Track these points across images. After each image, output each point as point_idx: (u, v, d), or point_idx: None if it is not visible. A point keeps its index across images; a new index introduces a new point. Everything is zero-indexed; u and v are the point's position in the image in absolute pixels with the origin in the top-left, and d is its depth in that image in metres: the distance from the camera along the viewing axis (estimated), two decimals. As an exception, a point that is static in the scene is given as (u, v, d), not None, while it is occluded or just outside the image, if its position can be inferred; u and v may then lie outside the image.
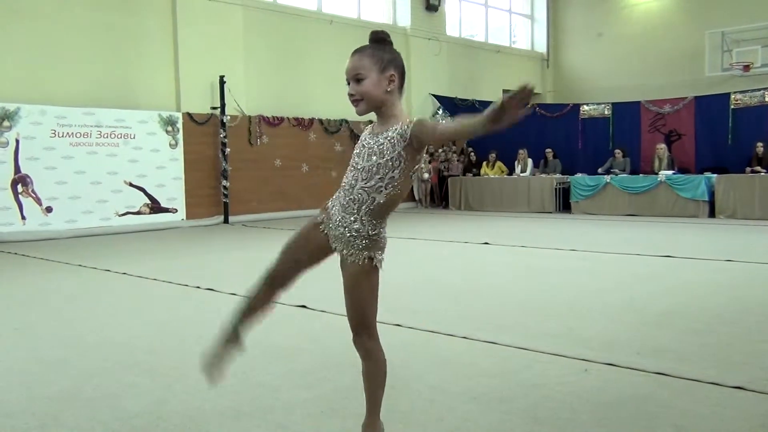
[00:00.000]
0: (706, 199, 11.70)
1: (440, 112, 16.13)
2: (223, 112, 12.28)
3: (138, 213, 11.41)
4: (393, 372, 3.50)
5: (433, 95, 16.07)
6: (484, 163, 14.99)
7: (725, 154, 12.69)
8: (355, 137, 14.63)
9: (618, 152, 13.29)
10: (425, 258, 7.69)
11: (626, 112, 13.98)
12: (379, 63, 2.20)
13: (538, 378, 3.38)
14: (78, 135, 10.77)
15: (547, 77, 19.76)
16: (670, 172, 12.33)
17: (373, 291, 2.37)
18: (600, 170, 13.17)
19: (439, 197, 15.58)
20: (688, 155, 13.23)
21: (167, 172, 11.76)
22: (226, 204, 12.38)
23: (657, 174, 12.42)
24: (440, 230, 10.71)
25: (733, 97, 12.80)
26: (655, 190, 12.23)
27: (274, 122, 13.34)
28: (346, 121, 14.54)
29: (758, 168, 11.70)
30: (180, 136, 11.94)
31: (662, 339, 4.04)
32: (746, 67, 15.20)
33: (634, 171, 13.16)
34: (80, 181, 10.77)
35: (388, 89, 2.23)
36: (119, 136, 11.21)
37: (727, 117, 12.79)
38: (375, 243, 2.29)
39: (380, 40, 2.22)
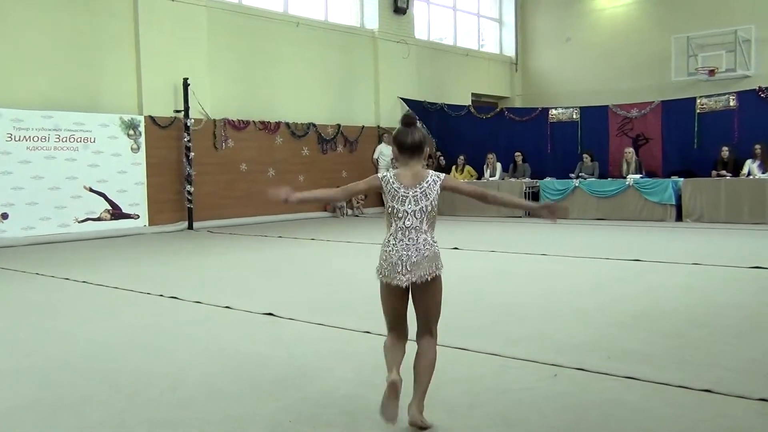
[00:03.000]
0: (673, 202, 11.95)
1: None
2: (186, 115, 12.15)
3: (98, 219, 11.23)
4: (363, 380, 3.51)
5: (402, 99, 16.14)
6: (453, 167, 15.09)
7: (691, 158, 12.96)
8: (322, 141, 14.63)
9: (586, 156, 13.50)
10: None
11: (594, 116, 14.20)
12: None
13: (508, 383, 3.41)
14: (35, 139, 10.55)
15: (516, 81, 19.98)
16: (637, 176, 12.56)
17: (381, 298, 3.03)
18: (571, 175, 13.34)
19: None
20: (655, 159, 13.49)
21: (129, 177, 11.59)
22: (190, 209, 12.25)
23: (625, 178, 12.64)
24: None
25: (698, 101, 13.09)
26: (623, 194, 12.44)
27: (240, 126, 13.26)
28: (314, 125, 14.51)
29: (723, 172, 11.98)
30: (142, 139, 11.78)
31: (631, 342, 4.11)
32: (711, 72, 15.58)
33: (603, 175, 13.38)
34: (38, 186, 10.55)
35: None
36: (79, 140, 11.02)
37: (693, 121, 13.07)
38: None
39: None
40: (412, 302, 2.94)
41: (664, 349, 3.98)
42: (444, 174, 3.02)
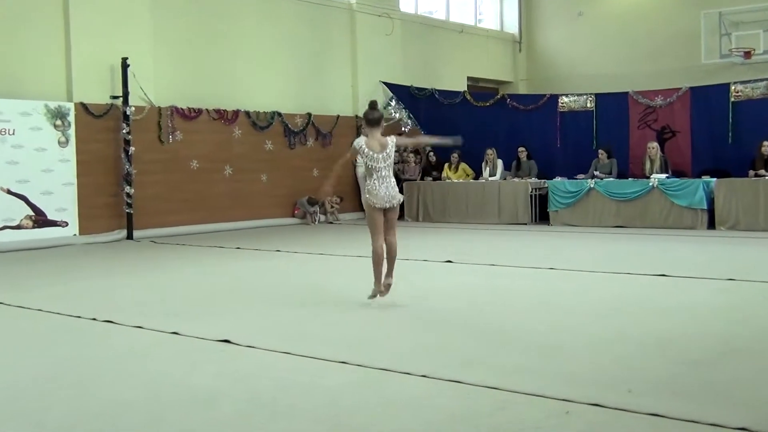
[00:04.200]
0: (705, 207, 12.06)
1: (393, 103, 16.18)
2: (126, 102, 12.08)
3: (18, 227, 11.10)
4: (339, 419, 3.51)
5: (384, 83, 16.16)
6: (446, 164, 15.12)
7: (725, 154, 13.08)
8: (290, 134, 14.60)
9: (602, 152, 13.58)
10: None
11: (612, 105, 14.29)
12: None
13: (511, 422, 3.42)
14: (-59, 130, 10.45)
15: (520, 63, 20.10)
16: (663, 176, 12.66)
17: (368, 218, 6.19)
18: (582, 176, 13.41)
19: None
20: (683, 156, 13.61)
21: (56, 177, 11.49)
22: (130, 215, 12.16)
23: (648, 178, 12.74)
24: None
25: (733, 88, 13.22)
26: (647, 197, 12.54)
27: (191, 115, 13.19)
28: (279, 114, 14.47)
29: (762, 171, 12.11)
30: (72, 131, 11.68)
31: (656, 373, 4.14)
32: (747, 54, 15.77)
33: (622, 174, 13.47)
34: (-56, 187, 10.44)
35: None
36: (-6, 132, 10.93)
37: (727, 111, 13.19)
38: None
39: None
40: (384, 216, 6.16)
41: (694, 380, 4.01)
42: (395, 137, 6.32)
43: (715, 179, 12.21)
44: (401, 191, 14.20)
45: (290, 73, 14.86)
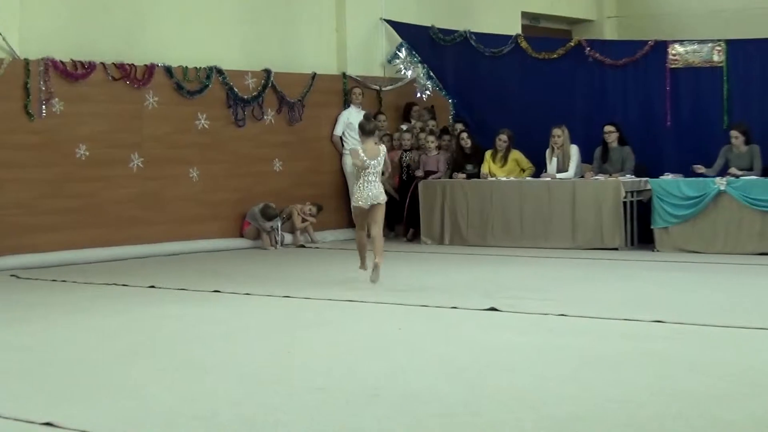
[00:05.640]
0: None
1: (402, 53, 16.17)
2: (-25, 53, 12.16)
3: None
4: None
5: (389, 22, 16.15)
6: (488, 153, 15.07)
7: None
8: (237, 103, 14.53)
9: (737, 135, 13.53)
10: (373, 337, 7.70)
11: (752, 59, 14.25)
12: None
13: None
14: None
15: (606, -7, 20.19)
16: (835, 173, 12.68)
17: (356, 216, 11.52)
18: (703, 170, 13.38)
19: (402, 220, 15.62)
20: None
21: None
22: (-21, 234, 12.21)
23: (812, 176, 12.76)
24: (403, 284, 10.68)
25: None
26: (810, 207, 12.55)
27: (77, 73, 13.18)
28: (219, 72, 14.43)
29: None
30: None
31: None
32: None
33: (769, 170, 13.47)
34: None
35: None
36: None
37: None
38: None
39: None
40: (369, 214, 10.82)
41: None
42: (385, 152, 11.05)
43: None
44: (415, 190, 14.83)
45: (237, 8, 14.88)
